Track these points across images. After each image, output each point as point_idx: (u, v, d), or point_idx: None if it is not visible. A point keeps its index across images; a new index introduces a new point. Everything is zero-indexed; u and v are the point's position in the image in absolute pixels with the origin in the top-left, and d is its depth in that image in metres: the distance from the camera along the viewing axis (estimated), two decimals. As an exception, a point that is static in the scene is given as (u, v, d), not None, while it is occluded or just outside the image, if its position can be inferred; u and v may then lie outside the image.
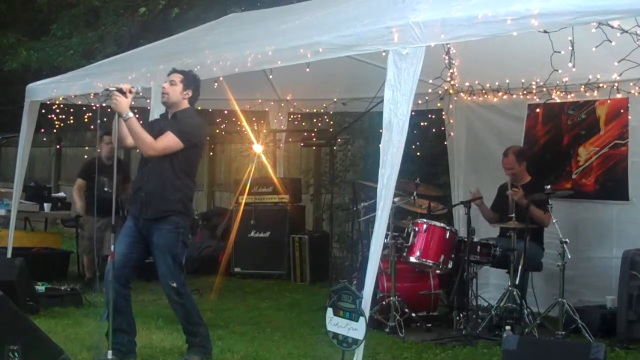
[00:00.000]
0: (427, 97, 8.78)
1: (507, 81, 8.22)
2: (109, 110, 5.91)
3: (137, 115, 5.68)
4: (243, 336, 6.78)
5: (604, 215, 7.70)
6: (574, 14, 4.54)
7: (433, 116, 9.21)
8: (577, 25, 4.77)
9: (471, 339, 6.68)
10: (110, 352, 5.36)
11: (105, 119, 6.06)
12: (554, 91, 7.93)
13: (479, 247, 7.19)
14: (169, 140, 5.60)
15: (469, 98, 8.77)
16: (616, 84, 7.43)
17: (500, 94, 8.41)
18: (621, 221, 7.57)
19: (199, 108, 7.23)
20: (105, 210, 8.02)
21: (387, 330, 6.97)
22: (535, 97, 8.16)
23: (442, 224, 7.29)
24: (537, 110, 8.21)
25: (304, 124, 11.17)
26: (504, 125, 8.49)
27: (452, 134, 8.94)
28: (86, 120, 10.00)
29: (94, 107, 9.13)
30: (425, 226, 7.22)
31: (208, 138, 12.10)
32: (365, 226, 7.84)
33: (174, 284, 5.61)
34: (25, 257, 7.79)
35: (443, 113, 9.00)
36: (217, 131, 11.93)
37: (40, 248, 10.03)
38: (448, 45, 7.67)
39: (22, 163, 8.70)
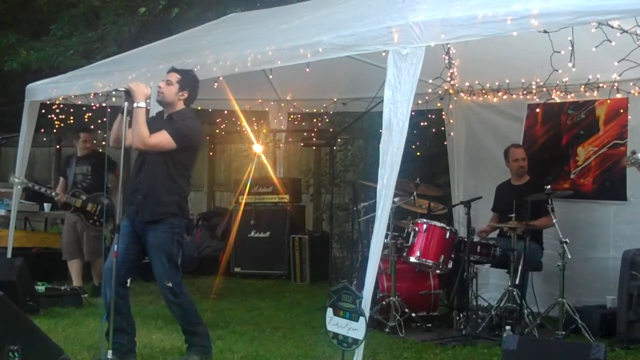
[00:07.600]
0: (427, 97, 8.78)
1: (507, 81, 8.21)
2: (109, 110, 5.88)
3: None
4: (243, 336, 6.77)
5: (602, 215, 7.69)
6: (574, 14, 4.55)
7: (433, 116, 9.21)
8: (577, 25, 4.78)
9: (471, 339, 6.68)
10: (110, 352, 5.36)
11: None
12: (554, 91, 7.93)
13: (479, 247, 7.19)
14: (163, 139, 5.55)
15: (469, 98, 8.77)
16: (616, 84, 7.43)
17: (500, 94, 8.41)
18: (618, 221, 7.56)
19: (199, 108, 7.23)
20: None
21: (387, 330, 6.96)
22: (535, 97, 8.16)
23: (442, 224, 7.29)
24: (537, 110, 8.20)
25: (304, 124, 11.15)
26: (503, 125, 8.49)
27: (452, 134, 8.94)
28: (86, 120, 9.99)
29: (94, 107, 9.16)
30: (425, 226, 7.22)
31: (208, 138, 12.11)
32: (365, 226, 7.84)
33: (170, 284, 5.59)
34: (25, 257, 7.79)
35: (443, 113, 8.99)
36: (217, 131, 11.90)
37: (40, 248, 10.03)
38: (448, 45, 7.67)
39: (22, 163, 8.69)
